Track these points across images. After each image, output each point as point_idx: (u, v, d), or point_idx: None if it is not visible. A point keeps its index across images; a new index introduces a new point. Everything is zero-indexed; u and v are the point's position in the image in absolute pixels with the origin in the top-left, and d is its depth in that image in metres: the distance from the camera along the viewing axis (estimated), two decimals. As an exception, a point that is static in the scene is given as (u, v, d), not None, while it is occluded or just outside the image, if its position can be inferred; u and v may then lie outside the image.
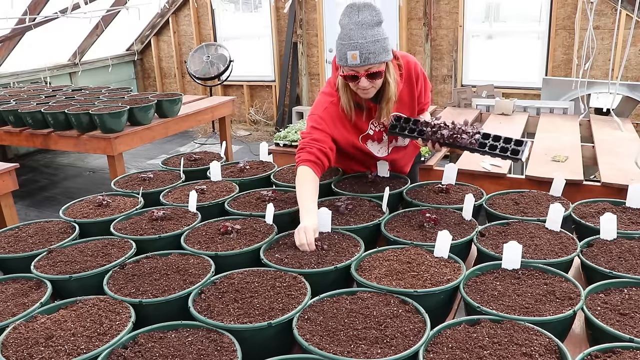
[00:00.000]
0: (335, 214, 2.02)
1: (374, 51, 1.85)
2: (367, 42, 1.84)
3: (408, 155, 2.48)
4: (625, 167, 3.10)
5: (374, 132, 2.24)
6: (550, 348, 1.24)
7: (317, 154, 2.03)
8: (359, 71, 1.90)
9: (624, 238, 1.76)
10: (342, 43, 1.87)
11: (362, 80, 1.92)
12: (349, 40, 1.86)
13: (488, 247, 1.73)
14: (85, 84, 7.55)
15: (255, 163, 2.72)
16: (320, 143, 2.05)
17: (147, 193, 2.34)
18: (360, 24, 1.85)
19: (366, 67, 1.89)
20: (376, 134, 2.25)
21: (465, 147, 2.05)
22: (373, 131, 2.23)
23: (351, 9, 1.88)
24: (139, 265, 1.70)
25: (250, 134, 7.81)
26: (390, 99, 2.05)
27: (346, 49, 1.86)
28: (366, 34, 1.85)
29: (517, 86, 6.23)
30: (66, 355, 1.28)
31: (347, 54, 1.86)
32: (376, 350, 1.26)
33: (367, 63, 1.86)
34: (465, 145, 2.04)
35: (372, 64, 1.87)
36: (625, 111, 4.60)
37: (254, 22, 8.05)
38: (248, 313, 1.42)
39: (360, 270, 1.64)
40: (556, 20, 5.92)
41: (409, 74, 2.14)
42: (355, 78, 1.93)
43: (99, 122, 4.26)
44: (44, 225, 2.08)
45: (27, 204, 5.46)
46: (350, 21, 1.86)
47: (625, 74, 5.57)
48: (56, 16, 4.98)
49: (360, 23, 1.85)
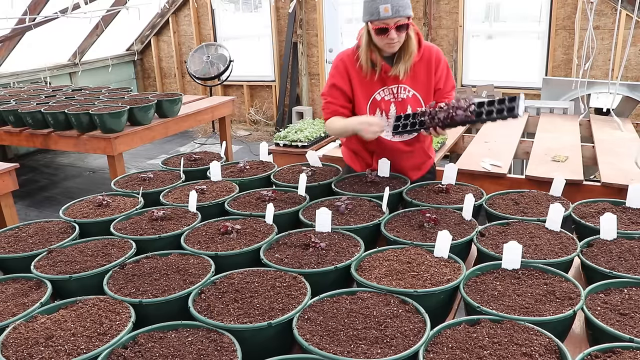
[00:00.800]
0: (335, 214, 2.03)
1: (402, 5, 2.06)
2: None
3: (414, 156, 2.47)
4: (625, 167, 3.10)
5: (381, 99, 2.32)
6: (550, 348, 1.24)
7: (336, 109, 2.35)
8: (389, 24, 2.08)
9: (624, 238, 1.76)
10: None
11: (392, 32, 2.09)
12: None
13: (488, 247, 1.73)
14: (85, 84, 7.55)
15: (255, 163, 2.72)
16: (334, 105, 2.34)
17: (147, 193, 2.34)
18: None
19: (396, 20, 2.07)
20: (384, 102, 2.32)
21: (465, 121, 2.07)
22: (381, 97, 2.32)
23: None
24: (139, 265, 1.70)
25: (250, 134, 7.81)
26: (411, 55, 2.21)
27: (378, 4, 2.06)
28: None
29: (517, 86, 6.23)
30: (66, 355, 1.28)
31: (379, 8, 2.06)
32: (376, 350, 1.26)
33: (397, 15, 2.06)
34: (463, 119, 2.06)
35: (401, 16, 2.07)
36: (625, 111, 4.60)
37: (254, 22, 8.05)
38: (248, 313, 1.42)
39: (360, 270, 1.64)
40: (556, 20, 5.93)
41: (429, 54, 2.29)
42: (385, 31, 2.10)
43: (99, 122, 4.26)
44: (44, 225, 2.08)
45: (27, 204, 5.46)
46: None
47: (625, 74, 5.57)
48: (56, 16, 4.98)
49: None
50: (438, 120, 2.08)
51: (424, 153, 2.50)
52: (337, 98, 2.34)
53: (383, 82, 2.29)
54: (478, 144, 3.71)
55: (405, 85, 2.29)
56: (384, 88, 2.30)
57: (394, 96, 2.31)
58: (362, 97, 2.33)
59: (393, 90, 2.30)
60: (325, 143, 4.00)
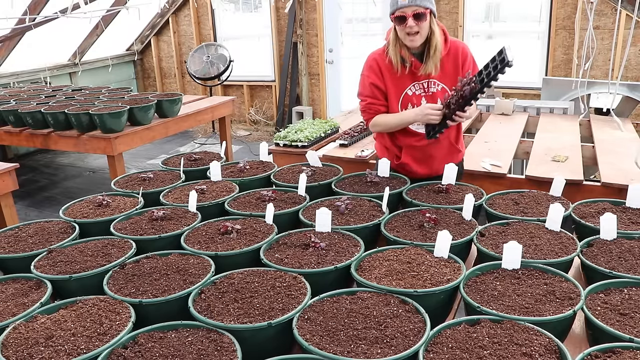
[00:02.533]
0: (335, 214, 2.03)
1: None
2: None
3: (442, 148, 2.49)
4: (625, 167, 3.10)
5: (412, 94, 2.38)
6: (550, 348, 1.24)
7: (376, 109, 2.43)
8: (406, 12, 2.16)
9: (624, 238, 1.76)
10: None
11: (409, 20, 2.17)
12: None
13: (488, 247, 1.73)
14: (85, 84, 7.55)
15: (255, 163, 2.72)
16: (375, 99, 2.42)
17: (147, 193, 2.34)
18: None
19: (413, 8, 2.16)
20: (415, 97, 2.38)
21: (475, 92, 2.11)
22: (412, 92, 2.38)
23: None
24: (139, 265, 1.70)
25: (250, 134, 7.81)
26: (437, 48, 2.27)
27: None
28: None
29: (517, 86, 6.23)
30: (66, 355, 1.28)
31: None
32: (376, 350, 1.26)
33: (414, 3, 2.15)
34: (473, 92, 2.11)
35: (418, 5, 2.15)
36: (625, 111, 4.59)
37: (254, 22, 8.05)
38: (248, 313, 1.42)
39: (360, 270, 1.64)
40: (556, 20, 5.92)
41: (455, 49, 2.36)
42: (403, 19, 2.18)
43: (99, 122, 4.26)
44: (44, 225, 2.08)
45: (27, 204, 5.46)
46: None
47: (625, 74, 5.56)
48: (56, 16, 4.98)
49: None
50: (454, 106, 2.16)
51: (451, 145, 2.53)
52: (377, 97, 2.41)
53: (413, 78, 2.36)
54: (478, 144, 3.70)
55: (434, 80, 2.36)
56: (415, 83, 2.37)
57: (425, 90, 2.38)
58: (395, 93, 2.40)
59: (423, 85, 2.37)
60: (325, 143, 4.00)
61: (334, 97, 7.57)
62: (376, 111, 2.43)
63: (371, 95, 2.41)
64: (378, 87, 2.39)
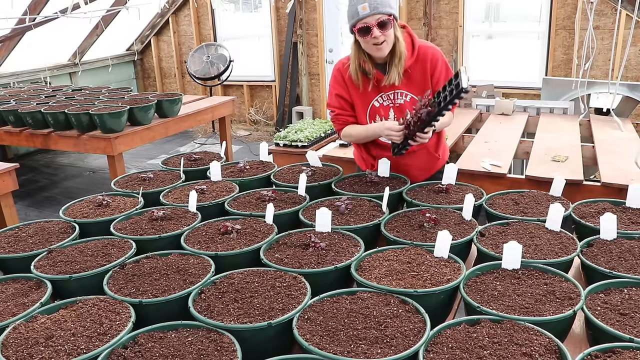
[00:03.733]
0: (335, 214, 2.03)
1: (381, 2, 2.03)
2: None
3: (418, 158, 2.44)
4: (625, 167, 3.10)
5: (379, 105, 2.31)
6: (550, 348, 1.24)
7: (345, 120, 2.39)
8: (369, 22, 2.04)
9: (624, 238, 1.76)
10: (352, 3, 2.07)
11: (374, 30, 2.05)
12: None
13: (488, 247, 1.73)
14: (85, 84, 7.55)
15: (255, 163, 2.72)
16: (342, 116, 2.38)
17: (147, 193, 2.34)
18: None
19: (376, 17, 2.04)
20: (382, 108, 2.31)
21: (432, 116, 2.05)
22: (379, 104, 2.31)
23: None
24: (139, 265, 1.70)
25: (250, 134, 7.81)
26: (401, 56, 2.17)
27: (357, 4, 2.04)
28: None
29: (517, 86, 6.23)
30: (66, 355, 1.28)
31: (357, 8, 2.04)
32: (376, 350, 1.26)
33: (376, 11, 2.02)
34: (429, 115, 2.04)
35: (380, 12, 2.03)
36: (625, 111, 4.60)
37: (254, 22, 8.05)
38: (248, 313, 1.42)
39: (360, 270, 1.64)
40: (556, 20, 5.92)
41: (424, 55, 2.24)
42: (367, 30, 2.06)
43: (99, 122, 4.26)
44: (44, 225, 2.08)
45: (27, 204, 5.46)
46: None
47: (625, 74, 5.56)
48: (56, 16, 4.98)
49: None
50: (413, 127, 2.10)
51: (428, 154, 2.46)
52: (344, 108, 2.36)
53: (379, 90, 2.29)
54: (478, 144, 3.71)
55: (401, 90, 2.28)
56: (382, 94, 2.30)
57: (392, 101, 2.31)
58: (361, 105, 2.34)
59: (390, 96, 2.30)
60: (325, 143, 4.00)
61: (333, 97, 7.57)
62: (344, 122, 2.38)
63: (338, 106, 2.36)
64: (344, 98, 2.34)
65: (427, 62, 2.24)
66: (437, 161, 2.50)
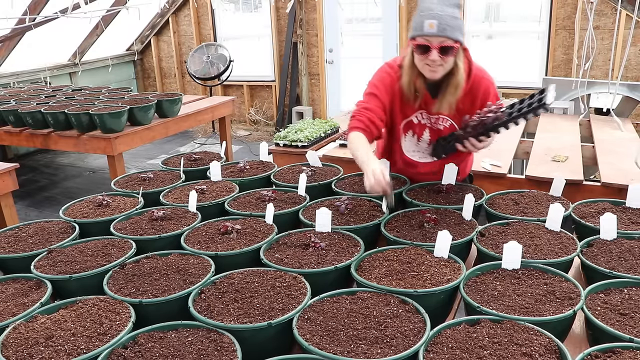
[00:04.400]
0: (335, 214, 2.03)
1: (452, 25, 1.86)
2: (446, 15, 1.86)
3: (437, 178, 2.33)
4: (625, 167, 3.10)
5: (417, 122, 2.19)
6: (550, 348, 1.24)
7: (366, 122, 2.07)
8: (432, 42, 1.88)
9: (624, 238, 1.76)
10: (421, 14, 1.88)
11: (433, 52, 1.89)
12: (428, 11, 1.87)
13: (488, 247, 1.73)
14: (85, 84, 7.55)
15: (255, 163, 2.72)
16: (371, 112, 2.08)
17: (147, 193, 2.34)
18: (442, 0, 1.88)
19: (440, 39, 1.87)
20: (419, 126, 2.20)
21: (497, 124, 1.95)
22: (417, 120, 2.18)
23: None
24: (139, 265, 1.70)
25: (250, 134, 7.81)
26: (457, 87, 2.00)
27: (424, 18, 1.87)
28: (446, 9, 1.87)
29: (517, 86, 6.23)
30: (66, 355, 1.28)
31: (424, 23, 1.86)
32: (376, 350, 1.26)
33: (443, 34, 1.85)
34: (494, 122, 1.95)
35: (447, 36, 1.86)
36: (625, 111, 4.59)
37: (254, 22, 8.05)
38: (248, 313, 1.42)
39: (360, 270, 1.64)
40: (556, 20, 5.93)
41: (477, 84, 2.08)
42: (427, 49, 1.90)
43: (99, 122, 4.26)
44: (44, 225, 2.08)
45: (27, 204, 5.46)
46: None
47: (625, 74, 5.57)
48: (56, 16, 4.98)
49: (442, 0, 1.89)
50: (471, 129, 1.98)
51: None
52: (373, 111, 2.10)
53: (422, 106, 2.15)
54: (478, 144, 3.70)
55: (445, 116, 2.15)
56: (423, 112, 2.15)
57: (431, 122, 2.18)
58: (400, 115, 2.18)
59: (431, 118, 2.17)
60: (325, 143, 4.00)
61: (334, 97, 7.57)
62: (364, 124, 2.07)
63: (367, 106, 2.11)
64: (382, 102, 2.11)
65: (478, 93, 2.09)
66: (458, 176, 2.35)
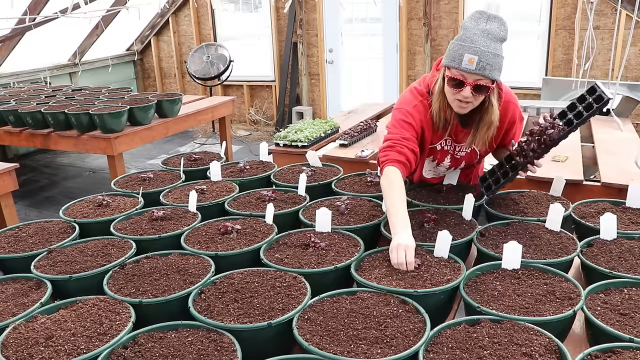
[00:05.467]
0: (335, 214, 2.03)
1: (492, 64, 1.74)
2: (489, 52, 1.74)
3: None
4: (625, 167, 3.10)
5: (441, 148, 2.08)
6: (550, 348, 1.24)
7: (407, 154, 1.89)
8: (467, 78, 1.76)
9: (624, 238, 1.76)
10: (462, 44, 1.75)
11: (466, 89, 1.77)
12: (470, 44, 1.74)
13: (488, 247, 1.73)
14: (85, 84, 7.55)
15: (255, 163, 2.72)
16: (410, 142, 1.91)
17: (147, 193, 2.34)
18: (487, 32, 1.76)
19: (477, 77, 1.75)
20: (442, 152, 2.10)
21: (560, 137, 1.85)
22: (441, 147, 2.07)
23: (480, 16, 1.80)
24: (139, 265, 1.70)
25: (250, 134, 7.81)
26: (490, 125, 1.90)
27: (464, 51, 1.74)
28: (489, 44, 1.75)
29: (517, 86, 6.22)
30: (66, 355, 1.28)
31: (463, 56, 1.74)
32: (376, 350, 1.26)
33: (481, 73, 1.73)
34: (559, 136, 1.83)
35: (485, 75, 1.74)
36: (625, 111, 4.59)
37: (254, 22, 8.05)
38: (248, 313, 1.42)
39: (360, 270, 1.64)
40: (556, 20, 5.92)
41: (504, 110, 1.97)
42: (460, 85, 1.78)
43: (99, 122, 4.26)
44: (44, 225, 2.08)
45: (27, 204, 5.46)
46: (477, 26, 1.77)
47: (625, 74, 5.57)
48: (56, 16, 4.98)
49: (487, 32, 1.76)
50: (533, 153, 1.85)
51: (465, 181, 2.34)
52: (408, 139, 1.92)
53: (452, 135, 2.04)
54: (478, 144, 3.70)
55: None
56: (448, 139, 2.05)
57: (453, 149, 2.09)
58: (427, 143, 2.05)
59: (455, 147, 2.08)
60: (325, 143, 3.99)
61: (334, 97, 7.57)
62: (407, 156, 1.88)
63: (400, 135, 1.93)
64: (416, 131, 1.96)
65: (505, 118, 1.99)
66: None
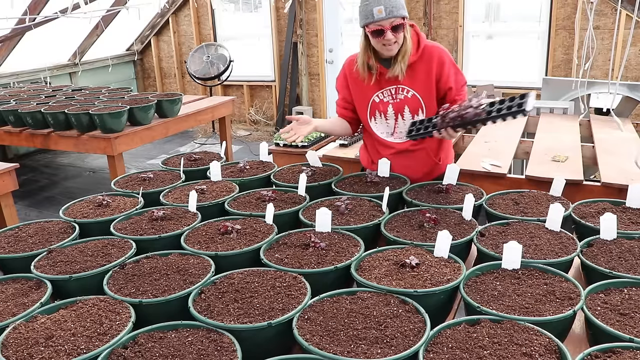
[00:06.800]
0: (335, 214, 2.03)
1: (396, 5, 2.09)
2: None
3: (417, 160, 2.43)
4: (625, 167, 3.10)
5: (379, 101, 2.35)
6: (550, 348, 1.24)
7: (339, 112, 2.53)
8: (384, 25, 2.10)
9: (624, 238, 1.76)
10: (367, 3, 2.11)
11: (388, 33, 2.11)
12: None
13: (488, 247, 1.73)
14: (85, 84, 7.55)
15: (255, 163, 2.72)
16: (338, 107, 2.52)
17: (147, 193, 2.34)
18: None
19: (390, 21, 2.09)
20: (382, 104, 2.35)
21: (476, 120, 2.03)
22: (379, 99, 2.35)
23: None
24: (139, 265, 1.70)
25: (250, 134, 7.81)
26: (406, 53, 2.21)
27: (372, 6, 2.09)
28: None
29: (517, 86, 6.23)
30: (66, 355, 1.28)
31: (373, 10, 2.09)
32: (376, 350, 1.26)
33: (391, 15, 2.08)
34: (473, 118, 2.02)
35: (395, 16, 2.09)
36: (625, 111, 4.59)
37: (254, 22, 8.05)
38: (248, 313, 1.42)
39: (360, 270, 1.64)
40: (556, 20, 5.93)
41: (430, 54, 2.27)
42: (381, 32, 2.11)
43: (99, 122, 4.26)
44: (44, 225, 2.08)
45: (27, 204, 5.46)
46: None
47: (625, 74, 5.57)
48: (56, 16, 4.99)
49: None
50: (449, 120, 2.07)
51: (427, 157, 2.43)
52: (341, 100, 2.51)
53: (380, 85, 2.32)
54: (478, 144, 3.70)
55: (403, 86, 2.29)
56: (382, 90, 2.33)
57: (392, 97, 2.33)
58: (361, 100, 2.40)
59: (391, 91, 2.32)
60: (325, 143, 4.00)
61: (334, 97, 7.55)
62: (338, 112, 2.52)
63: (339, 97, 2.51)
64: (341, 92, 2.47)
65: (432, 61, 2.26)
66: (436, 166, 2.47)
